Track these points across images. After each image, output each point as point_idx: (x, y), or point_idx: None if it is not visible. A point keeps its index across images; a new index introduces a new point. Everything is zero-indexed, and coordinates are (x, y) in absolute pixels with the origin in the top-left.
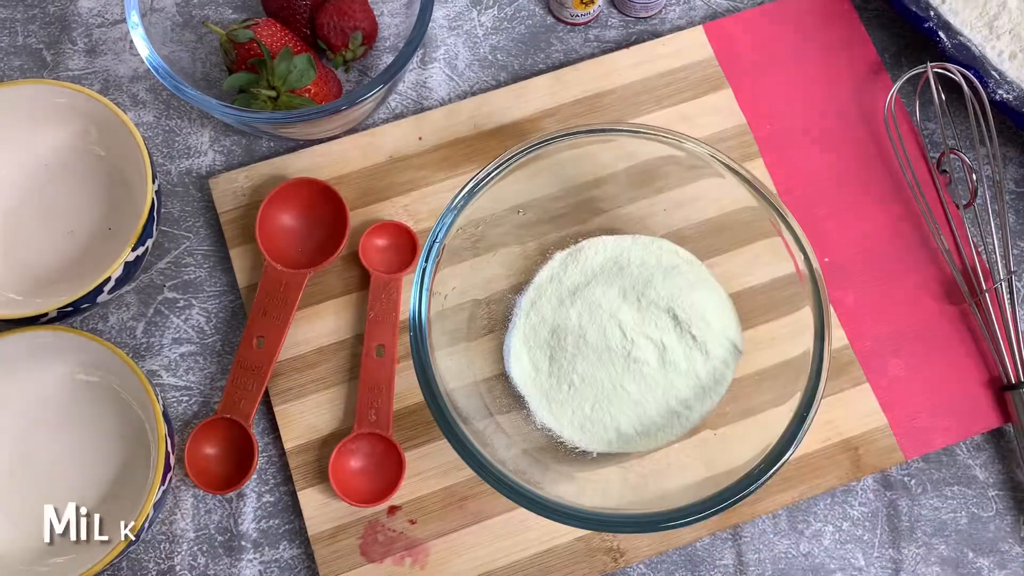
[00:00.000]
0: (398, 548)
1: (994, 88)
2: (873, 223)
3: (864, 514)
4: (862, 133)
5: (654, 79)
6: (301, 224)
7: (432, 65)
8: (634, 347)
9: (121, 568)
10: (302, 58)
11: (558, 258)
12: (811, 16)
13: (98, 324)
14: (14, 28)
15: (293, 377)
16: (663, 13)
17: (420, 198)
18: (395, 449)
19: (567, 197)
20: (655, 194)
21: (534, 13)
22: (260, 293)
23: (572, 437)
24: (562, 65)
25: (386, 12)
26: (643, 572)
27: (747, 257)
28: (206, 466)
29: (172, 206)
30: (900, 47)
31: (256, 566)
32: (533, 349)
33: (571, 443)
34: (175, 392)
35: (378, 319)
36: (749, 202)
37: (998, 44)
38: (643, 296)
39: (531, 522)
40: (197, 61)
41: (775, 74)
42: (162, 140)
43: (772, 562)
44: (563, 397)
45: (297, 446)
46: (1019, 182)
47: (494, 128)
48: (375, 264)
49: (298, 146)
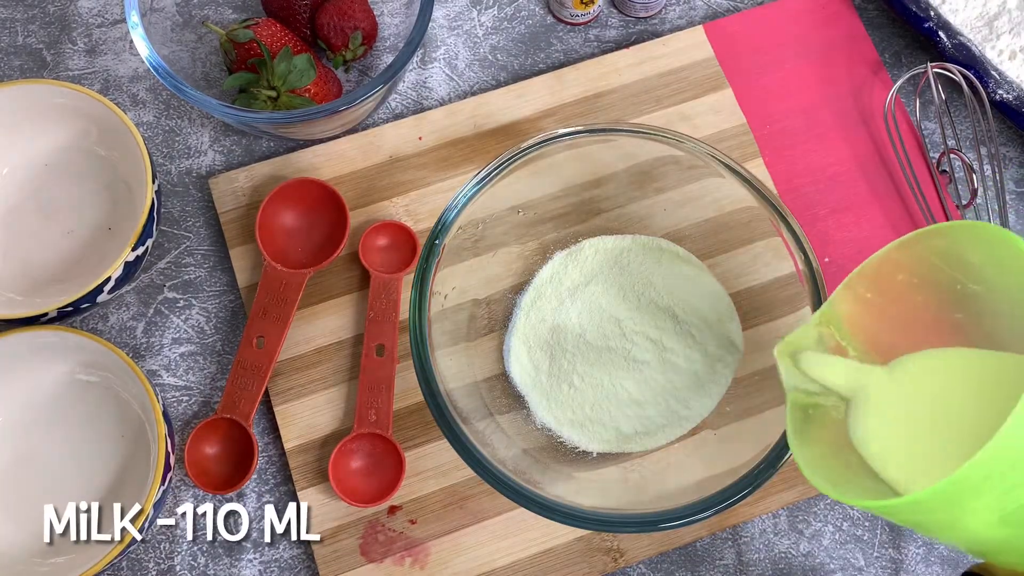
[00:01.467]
0: (398, 548)
1: (994, 88)
2: (873, 223)
3: (864, 514)
4: (862, 133)
5: (654, 79)
6: (301, 224)
7: (432, 65)
8: (634, 347)
9: (121, 568)
10: (302, 58)
11: (558, 258)
12: (811, 16)
13: (98, 324)
14: (14, 28)
15: (293, 377)
16: (663, 13)
17: (420, 198)
18: (395, 449)
19: (567, 197)
20: (655, 194)
21: (534, 13)
22: (260, 293)
23: (572, 437)
24: (562, 65)
25: (386, 12)
26: (643, 572)
27: (747, 257)
28: (206, 466)
29: (172, 206)
30: (900, 47)
31: (256, 566)
32: (533, 349)
33: (571, 443)
34: (175, 392)
35: (378, 319)
36: (749, 202)
37: (998, 44)
38: (643, 296)
39: (531, 522)
40: (197, 61)
41: (775, 74)
42: (162, 140)
43: (772, 562)
44: (563, 397)
45: (297, 446)
46: (1019, 182)
47: (494, 128)
48: (375, 264)
49: (298, 146)
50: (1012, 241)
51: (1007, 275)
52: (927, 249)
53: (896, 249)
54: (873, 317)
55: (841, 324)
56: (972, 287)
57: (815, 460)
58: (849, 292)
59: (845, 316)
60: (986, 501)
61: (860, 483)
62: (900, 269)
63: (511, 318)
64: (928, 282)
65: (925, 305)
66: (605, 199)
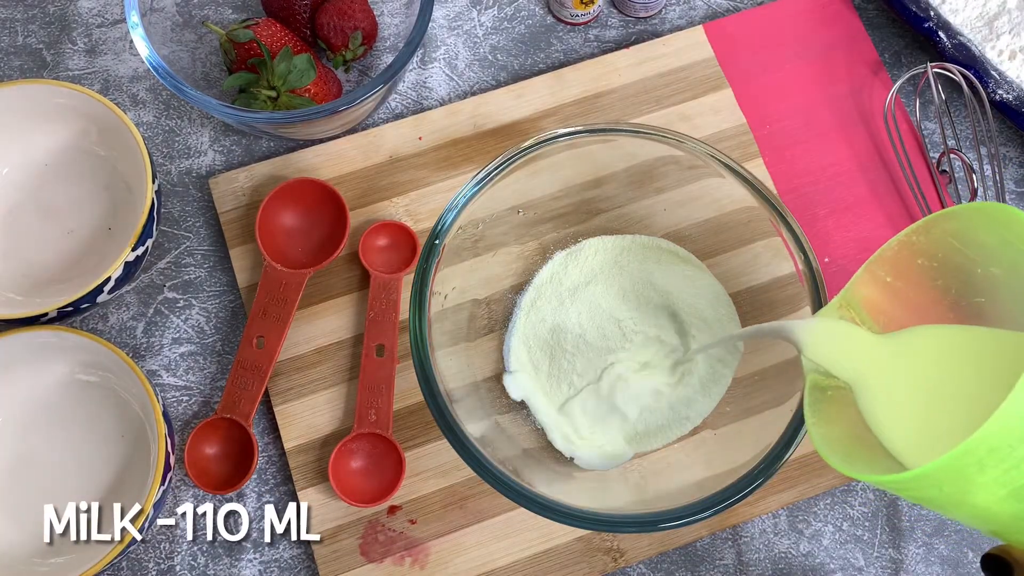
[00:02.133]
0: (398, 548)
1: (994, 88)
2: (873, 223)
3: (864, 514)
4: (862, 133)
5: (654, 79)
6: (301, 224)
7: (432, 65)
8: (634, 347)
9: (121, 568)
10: (302, 58)
11: (558, 258)
12: (811, 16)
13: (98, 324)
14: (14, 28)
15: (293, 377)
16: (663, 13)
17: (420, 198)
18: (395, 449)
19: (567, 197)
20: (655, 194)
21: (534, 13)
22: (260, 293)
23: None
24: (562, 65)
25: (386, 12)
26: (643, 572)
27: (747, 257)
28: (206, 466)
29: (172, 206)
30: (900, 47)
31: (256, 566)
32: (533, 349)
33: None
34: (175, 392)
35: (378, 319)
36: (749, 202)
37: (998, 44)
38: (643, 296)
39: (531, 522)
40: (197, 61)
41: (775, 74)
42: (162, 140)
43: (772, 562)
44: (563, 397)
45: (297, 446)
46: (1019, 182)
47: (494, 128)
48: (375, 264)
49: (298, 146)
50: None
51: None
52: (943, 232)
53: (913, 233)
54: (893, 301)
55: (861, 308)
56: (991, 270)
57: (830, 437)
58: (869, 275)
59: (865, 300)
60: (993, 474)
61: (873, 460)
62: (918, 253)
63: (511, 318)
64: (947, 265)
65: (945, 289)
66: (605, 199)
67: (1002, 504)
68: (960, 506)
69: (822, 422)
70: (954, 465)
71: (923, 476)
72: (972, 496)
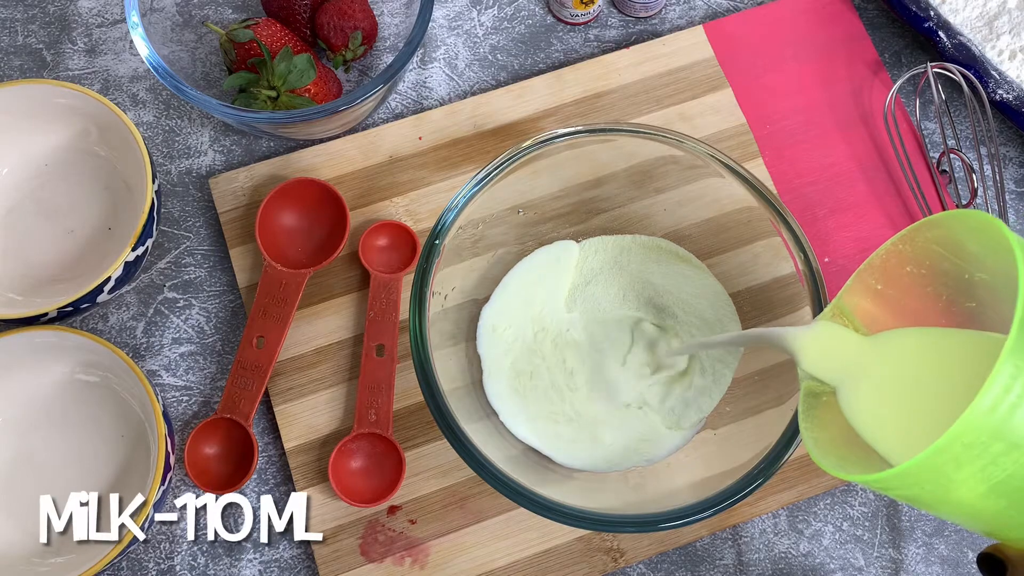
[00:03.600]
0: (398, 548)
1: (994, 88)
2: (873, 223)
3: (864, 514)
4: (862, 133)
5: (654, 79)
6: (301, 224)
7: (432, 65)
8: (633, 347)
9: (121, 568)
10: (302, 58)
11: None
12: (811, 16)
13: (98, 324)
14: (14, 28)
15: (293, 377)
16: (663, 13)
17: (420, 198)
18: (395, 449)
19: (567, 197)
20: (655, 194)
21: (534, 13)
22: (260, 293)
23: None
24: (562, 65)
25: (386, 12)
26: (643, 572)
27: (747, 257)
28: (206, 466)
29: (172, 206)
30: (900, 47)
31: (256, 566)
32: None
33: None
34: (175, 392)
35: (378, 319)
36: (749, 202)
37: (998, 44)
38: (643, 296)
39: (531, 522)
40: (197, 61)
41: (775, 74)
42: (162, 140)
43: (772, 562)
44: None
45: (297, 446)
46: (1019, 182)
47: (494, 128)
48: (375, 264)
49: (298, 146)
50: (997, 227)
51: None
52: (927, 240)
53: (900, 242)
54: (886, 309)
55: (854, 316)
56: (978, 275)
57: (822, 441)
58: (860, 284)
59: (857, 308)
60: (970, 471)
61: (867, 463)
62: (906, 261)
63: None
64: (936, 272)
65: (936, 295)
66: (605, 199)
67: (984, 501)
68: (945, 504)
69: (816, 427)
70: (931, 463)
71: (903, 474)
72: (953, 494)
